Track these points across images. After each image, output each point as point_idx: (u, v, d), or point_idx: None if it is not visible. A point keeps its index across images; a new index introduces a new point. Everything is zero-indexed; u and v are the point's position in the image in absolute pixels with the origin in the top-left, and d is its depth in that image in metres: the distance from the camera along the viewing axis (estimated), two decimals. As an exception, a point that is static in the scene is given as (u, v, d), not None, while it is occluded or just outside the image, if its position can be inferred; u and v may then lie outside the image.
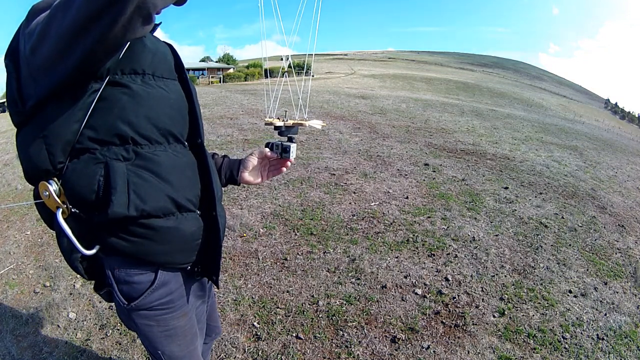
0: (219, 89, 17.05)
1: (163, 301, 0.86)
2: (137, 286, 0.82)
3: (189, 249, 0.87)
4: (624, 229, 3.37)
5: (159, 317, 0.86)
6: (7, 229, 2.99)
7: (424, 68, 61.12)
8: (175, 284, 0.88)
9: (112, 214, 0.73)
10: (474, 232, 3.03)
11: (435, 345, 1.84)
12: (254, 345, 1.81)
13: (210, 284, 1.10)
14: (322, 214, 3.26)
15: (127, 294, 0.83)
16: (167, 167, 0.80)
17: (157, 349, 0.90)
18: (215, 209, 0.88)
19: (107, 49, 0.67)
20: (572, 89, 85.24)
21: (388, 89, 19.90)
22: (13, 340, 1.84)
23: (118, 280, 0.82)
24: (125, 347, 1.79)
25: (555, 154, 6.26)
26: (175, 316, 0.89)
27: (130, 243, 0.78)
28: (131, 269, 0.81)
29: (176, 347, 0.91)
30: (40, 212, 0.85)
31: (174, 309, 0.88)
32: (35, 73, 0.70)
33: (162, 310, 0.86)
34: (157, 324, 0.87)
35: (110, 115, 0.75)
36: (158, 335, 0.88)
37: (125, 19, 0.61)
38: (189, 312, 0.94)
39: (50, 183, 0.75)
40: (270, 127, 1.04)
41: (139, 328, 0.88)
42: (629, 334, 1.99)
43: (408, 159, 5.12)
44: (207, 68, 43.43)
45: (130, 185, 0.75)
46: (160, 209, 0.78)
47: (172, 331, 0.90)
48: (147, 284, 0.83)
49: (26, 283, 2.29)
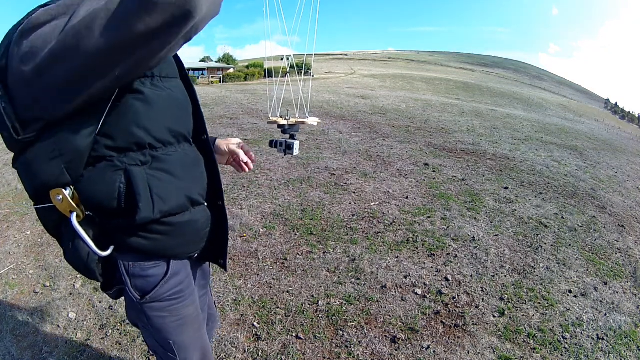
0: (219, 89, 17.05)
1: (174, 291, 0.89)
2: (151, 279, 0.85)
3: (200, 238, 0.93)
4: (624, 229, 3.37)
5: (171, 307, 0.89)
6: (7, 229, 2.99)
7: (424, 68, 61.12)
8: (184, 274, 0.92)
9: (141, 220, 0.75)
10: (474, 232, 3.03)
11: (435, 345, 1.84)
12: (254, 345, 1.81)
13: (210, 273, 1.14)
14: (322, 214, 3.26)
15: (141, 288, 0.85)
16: (180, 166, 0.83)
17: (168, 339, 0.92)
18: (221, 198, 0.95)
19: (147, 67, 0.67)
20: (572, 89, 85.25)
21: (388, 89, 19.90)
22: (13, 340, 1.84)
23: (133, 275, 0.84)
24: (125, 347, 1.79)
25: (555, 154, 6.27)
26: (185, 305, 0.92)
27: (149, 240, 0.81)
28: (145, 262, 0.84)
29: (186, 336, 0.95)
30: (44, 219, 0.83)
31: (184, 298, 0.91)
32: (44, 94, 0.65)
33: (173, 300, 0.89)
34: (170, 314, 0.89)
35: (125, 122, 0.74)
36: (170, 326, 0.90)
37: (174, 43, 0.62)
38: (196, 301, 0.97)
39: (65, 188, 0.74)
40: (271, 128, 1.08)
41: (151, 321, 0.89)
42: (629, 334, 1.99)
43: (408, 159, 5.12)
44: (207, 68, 43.44)
45: (153, 189, 0.77)
46: (178, 207, 0.82)
47: (183, 320, 0.92)
48: (160, 277, 0.86)
49: (26, 283, 2.29)
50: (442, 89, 23.49)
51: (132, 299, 0.86)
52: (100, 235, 0.78)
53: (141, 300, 0.85)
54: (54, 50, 0.61)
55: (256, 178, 4.10)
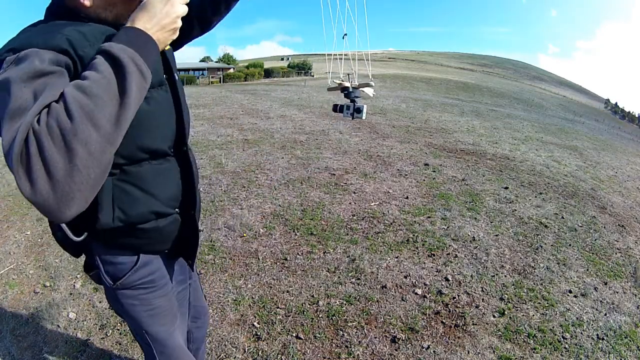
0: (219, 89, 17.05)
1: (145, 280, 0.92)
2: (121, 266, 0.89)
3: (167, 240, 0.95)
4: (624, 229, 3.37)
5: (142, 295, 0.93)
6: (7, 229, 2.99)
7: (424, 68, 61.11)
8: (156, 264, 0.95)
9: (100, 226, 0.80)
10: (474, 232, 3.03)
11: (435, 345, 1.84)
12: (254, 345, 1.81)
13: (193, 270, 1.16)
14: (322, 214, 3.26)
15: (112, 274, 0.90)
16: (150, 179, 0.85)
17: (142, 328, 0.96)
18: (194, 208, 0.95)
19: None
20: (572, 89, 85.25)
21: (388, 89, 19.89)
22: (13, 340, 1.84)
23: (104, 262, 0.90)
24: (125, 347, 1.79)
25: (555, 154, 6.26)
26: (157, 295, 0.95)
27: (115, 238, 0.86)
28: (115, 251, 0.89)
29: (159, 326, 0.98)
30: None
31: (156, 288, 0.95)
32: None
33: (144, 289, 0.93)
34: (140, 302, 0.93)
35: None
36: (142, 315, 0.94)
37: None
38: (169, 293, 1.00)
39: None
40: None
41: (124, 308, 0.94)
42: (629, 334, 1.99)
43: (408, 159, 5.12)
44: (207, 68, 43.44)
45: (115, 200, 0.80)
46: (140, 218, 0.85)
47: (154, 310, 0.96)
48: (130, 265, 0.90)
49: (26, 283, 2.29)
50: (442, 89, 23.49)
51: (106, 284, 0.91)
52: (78, 222, 0.80)
53: (113, 286, 0.90)
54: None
55: (256, 178, 4.10)
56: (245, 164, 4.61)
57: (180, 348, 1.07)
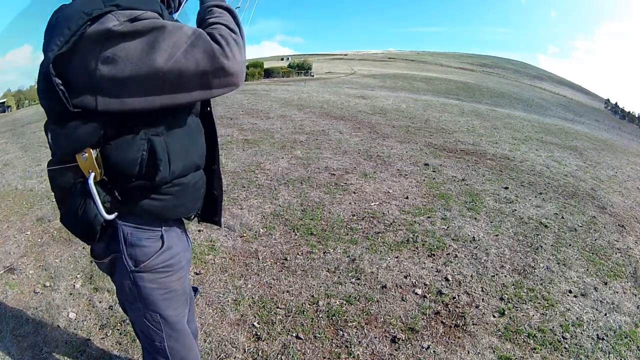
0: (219, 89, 17.00)
1: (166, 264, 0.97)
2: (147, 249, 0.93)
3: (198, 197, 1.05)
4: (624, 229, 3.37)
5: (161, 279, 0.97)
6: (7, 229, 2.99)
7: (424, 68, 61.12)
8: (177, 248, 1.00)
9: (159, 180, 0.87)
10: (474, 232, 3.03)
11: (435, 345, 1.84)
12: (254, 345, 1.81)
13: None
14: (322, 214, 3.26)
15: (135, 257, 0.93)
16: (189, 135, 0.96)
17: (156, 311, 0.99)
18: (216, 163, 1.10)
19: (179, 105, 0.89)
20: (572, 89, 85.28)
21: (388, 89, 19.90)
22: (13, 340, 1.84)
23: (130, 244, 0.92)
24: (125, 347, 1.79)
25: (555, 154, 6.26)
26: (174, 279, 1.00)
27: (158, 201, 0.92)
28: (142, 232, 0.93)
29: (172, 310, 1.02)
30: (57, 178, 0.90)
31: (173, 272, 0.99)
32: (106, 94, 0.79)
33: (164, 272, 0.97)
34: (159, 286, 0.97)
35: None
36: (158, 298, 0.98)
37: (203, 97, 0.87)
38: (182, 278, 1.04)
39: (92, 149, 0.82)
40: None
41: (141, 292, 0.96)
42: (629, 334, 1.99)
43: (408, 159, 5.12)
44: (207, 68, 43.34)
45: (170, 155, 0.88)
46: (187, 169, 0.95)
47: (170, 294, 1.00)
48: (156, 248, 0.95)
49: (26, 283, 2.29)
50: (442, 89, 23.49)
51: (125, 269, 0.93)
52: (107, 200, 0.87)
53: (136, 268, 0.93)
54: (139, 78, 0.77)
55: (256, 178, 4.10)
56: (245, 163, 4.61)
57: (188, 333, 1.10)
